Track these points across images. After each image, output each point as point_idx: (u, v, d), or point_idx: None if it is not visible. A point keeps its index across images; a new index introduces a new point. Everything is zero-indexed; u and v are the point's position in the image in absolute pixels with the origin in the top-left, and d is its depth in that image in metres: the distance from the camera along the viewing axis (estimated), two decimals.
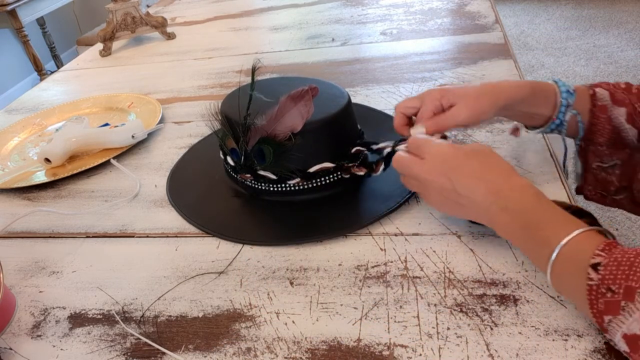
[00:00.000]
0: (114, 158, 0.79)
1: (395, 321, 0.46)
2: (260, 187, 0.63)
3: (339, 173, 0.61)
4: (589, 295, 0.39)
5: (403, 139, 0.57)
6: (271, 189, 0.62)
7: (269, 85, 0.66)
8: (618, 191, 0.60)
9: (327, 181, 0.61)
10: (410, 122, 0.60)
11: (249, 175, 0.62)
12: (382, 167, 0.58)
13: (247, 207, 0.64)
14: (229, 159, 0.64)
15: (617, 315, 0.37)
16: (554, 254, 0.41)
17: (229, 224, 0.61)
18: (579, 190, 0.64)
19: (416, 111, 0.58)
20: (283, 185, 0.61)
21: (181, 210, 0.65)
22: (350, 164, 0.61)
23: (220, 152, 0.67)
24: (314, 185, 0.61)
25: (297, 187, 0.61)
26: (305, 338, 0.46)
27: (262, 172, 0.61)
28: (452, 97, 0.55)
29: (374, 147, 0.61)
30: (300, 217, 0.60)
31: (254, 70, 0.58)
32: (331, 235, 0.57)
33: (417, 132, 0.55)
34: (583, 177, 0.62)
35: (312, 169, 0.60)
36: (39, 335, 0.51)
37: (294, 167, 0.59)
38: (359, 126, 0.66)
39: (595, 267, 0.38)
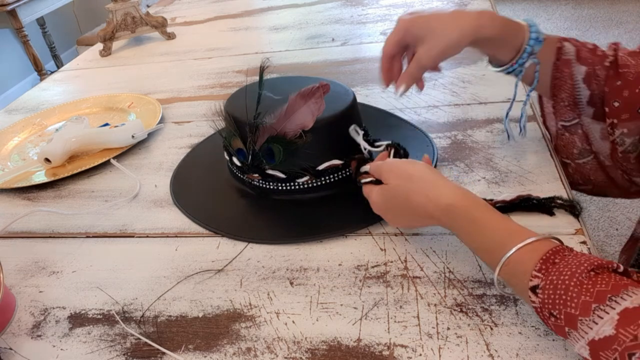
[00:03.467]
0: (114, 158, 0.79)
1: (395, 321, 0.46)
2: (268, 186, 0.63)
3: (344, 171, 0.61)
4: (537, 314, 0.39)
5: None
6: (280, 187, 0.62)
7: (273, 84, 0.66)
8: (581, 154, 0.59)
9: (332, 179, 0.61)
10: (399, 59, 0.60)
11: (256, 175, 0.62)
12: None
13: (251, 207, 0.64)
14: (234, 159, 0.64)
15: (566, 338, 0.37)
16: (497, 269, 0.42)
17: (233, 223, 0.61)
18: (570, 180, 0.63)
19: (398, 47, 0.58)
20: (289, 184, 0.61)
21: (187, 211, 0.65)
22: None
23: (225, 153, 0.67)
24: (318, 184, 0.61)
25: (306, 185, 0.61)
26: (305, 338, 0.46)
27: (270, 172, 0.61)
28: (419, 31, 0.55)
29: (377, 143, 0.62)
30: (300, 217, 0.60)
31: (262, 70, 0.58)
32: (331, 235, 0.57)
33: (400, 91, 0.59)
34: (553, 143, 0.62)
35: (321, 167, 0.60)
36: (39, 335, 0.51)
37: (305, 165, 0.59)
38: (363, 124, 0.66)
39: (534, 290, 0.39)
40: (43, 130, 0.94)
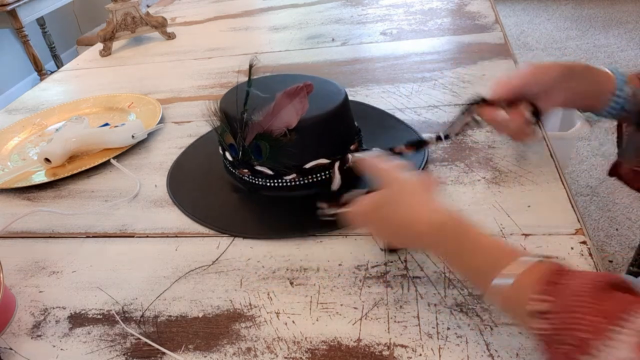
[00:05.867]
0: (114, 158, 0.79)
1: (395, 321, 0.46)
2: (258, 182, 0.63)
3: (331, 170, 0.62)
4: (540, 339, 0.36)
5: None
6: (269, 184, 0.63)
7: (267, 82, 0.67)
8: None
9: (320, 178, 0.61)
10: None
11: (246, 171, 0.63)
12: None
13: (245, 202, 0.65)
14: (227, 154, 0.65)
15: None
16: (491, 291, 0.39)
17: (226, 218, 0.62)
18: (612, 172, 0.64)
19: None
20: (280, 180, 0.62)
21: (183, 207, 0.66)
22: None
23: (219, 148, 0.67)
24: (311, 181, 0.61)
25: (294, 183, 0.61)
26: (305, 338, 0.46)
27: (259, 168, 0.61)
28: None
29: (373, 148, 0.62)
30: (297, 213, 0.61)
31: (251, 67, 0.59)
32: (326, 230, 0.57)
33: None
34: (620, 154, 0.62)
35: (307, 165, 0.60)
36: (39, 335, 0.51)
37: (290, 163, 0.60)
38: (356, 123, 0.66)
39: (540, 314, 0.35)
40: (43, 130, 0.94)
